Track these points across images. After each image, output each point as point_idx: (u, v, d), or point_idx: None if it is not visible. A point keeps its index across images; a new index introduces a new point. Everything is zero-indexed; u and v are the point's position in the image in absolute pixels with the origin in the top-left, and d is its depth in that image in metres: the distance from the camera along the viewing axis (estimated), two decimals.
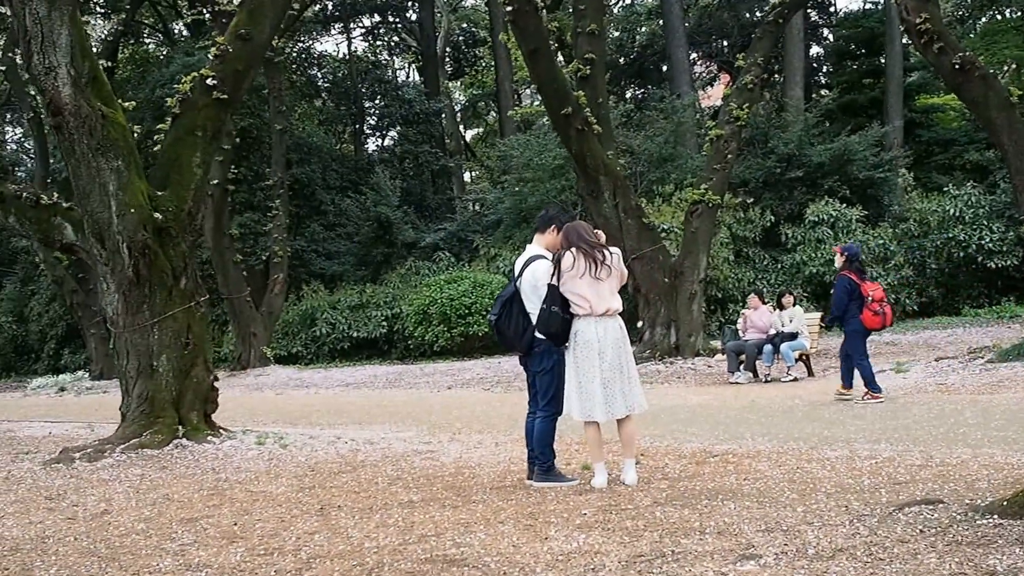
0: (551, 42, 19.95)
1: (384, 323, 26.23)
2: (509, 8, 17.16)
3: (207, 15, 26.02)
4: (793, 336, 15.02)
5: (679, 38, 31.73)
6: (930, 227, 23.72)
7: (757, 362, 15.13)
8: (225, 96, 11.74)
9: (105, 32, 30.21)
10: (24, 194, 11.57)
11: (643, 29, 40.81)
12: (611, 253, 7.40)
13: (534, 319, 7.51)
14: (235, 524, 6.83)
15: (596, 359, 7.25)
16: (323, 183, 33.47)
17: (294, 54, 37.69)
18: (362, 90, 38.81)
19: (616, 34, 42.58)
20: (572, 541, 5.52)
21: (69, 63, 10.48)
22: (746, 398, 12.88)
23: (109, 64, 34.40)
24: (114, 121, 10.88)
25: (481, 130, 53.41)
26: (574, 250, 7.33)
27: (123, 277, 11.03)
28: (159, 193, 11.34)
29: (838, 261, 12.25)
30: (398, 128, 40.04)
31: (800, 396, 12.67)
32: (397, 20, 44.23)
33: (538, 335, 7.48)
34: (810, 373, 15.45)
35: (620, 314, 7.47)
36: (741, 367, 15.17)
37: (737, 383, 14.88)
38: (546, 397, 7.57)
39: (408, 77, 48.43)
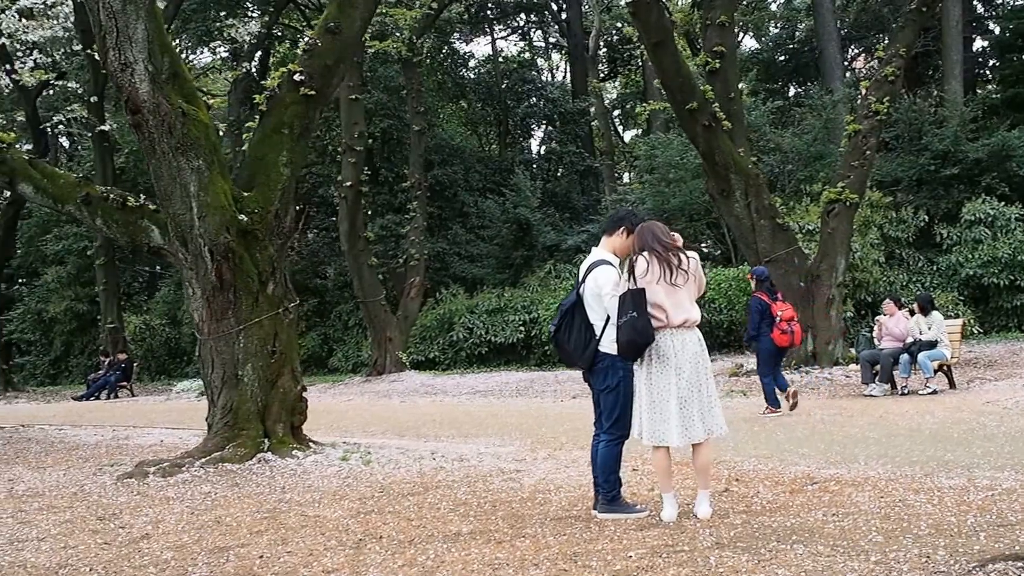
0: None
1: (521, 328, 25.47)
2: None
3: None
4: (932, 344, 13.69)
5: (830, 32, 30.29)
6: None
7: (895, 373, 13.81)
8: (313, 92, 11.14)
9: (250, 36, 30.31)
10: (111, 196, 11.19)
11: (802, 25, 39.17)
12: (688, 257, 6.51)
13: (597, 330, 6.67)
14: (261, 556, 6.27)
15: (673, 376, 6.37)
16: (466, 184, 32.99)
17: (440, 55, 37.37)
18: (507, 90, 38.24)
19: (775, 30, 41.18)
20: None
21: (146, 59, 10.02)
22: (874, 413, 11.73)
23: (259, 67, 34.84)
24: (195, 119, 10.39)
25: (640, 131, 52.34)
26: (647, 254, 6.48)
27: (206, 282, 10.55)
28: (244, 194, 10.82)
29: (752, 284, 13.21)
30: (544, 128, 39.38)
31: (933, 412, 11.45)
32: (543, 20, 43.63)
33: (603, 349, 6.59)
34: (951, 385, 14.09)
35: (699, 326, 6.56)
36: (876, 378, 13.87)
37: (871, 396, 13.64)
38: (611, 418, 6.68)
39: (564, 76, 47.71)
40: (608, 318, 6.59)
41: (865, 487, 7.13)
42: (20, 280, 41.83)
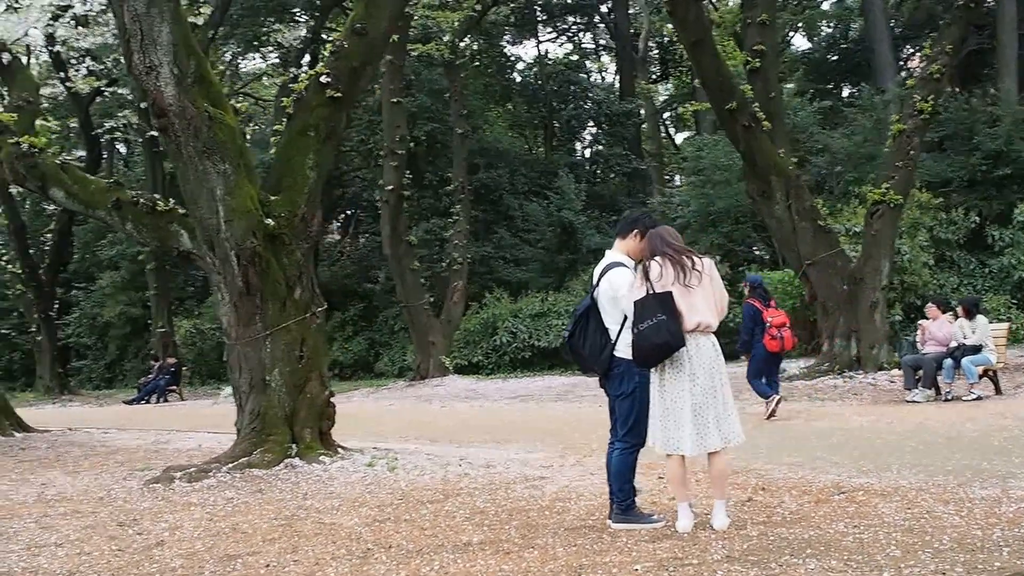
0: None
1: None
2: None
3: None
4: (977, 349, 13.30)
5: (882, 31, 29.77)
6: None
7: (939, 378, 13.47)
8: (339, 94, 11.04)
9: (297, 41, 30.46)
10: (140, 200, 11.19)
11: (855, 25, 38.58)
12: (700, 259, 6.37)
13: (612, 334, 6.51)
14: (268, 565, 6.20)
15: (687, 382, 6.21)
16: (511, 188, 32.78)
17: (487, 58, 37.23)
18: (553, 92, 37.97)
19: (828, 30, 40.63)
20: None
21: (172, 62, 9.97)
22: (914, 420, 11.42)
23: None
24: (222, 122, 10.33)
25: (692, 132, 51.79)
26: (659, 258, 6.32)
27: (233, 286, 10.49)
28: (272, 198, 10.76)
29: (746, 291, 13.37)
30: (590, 130, 39.13)
31: (976, 418, 11.14)
32: (591, 22, 43.37)
33: (618, 354, 6.43)
34: (997, 391, 13.72)
35: (715, 333, 6.42)
36: (919, 384, 13.53)
37: (914, 401, 13.32)
38: (626, 426, 6.52)
39: (614, 78, 47.39)
40: (624, 322, 6.42)
41: (893, 497, 6.91)
42: (77, 285, 42.33)
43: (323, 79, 11.03)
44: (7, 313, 40.92)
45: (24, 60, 34.87)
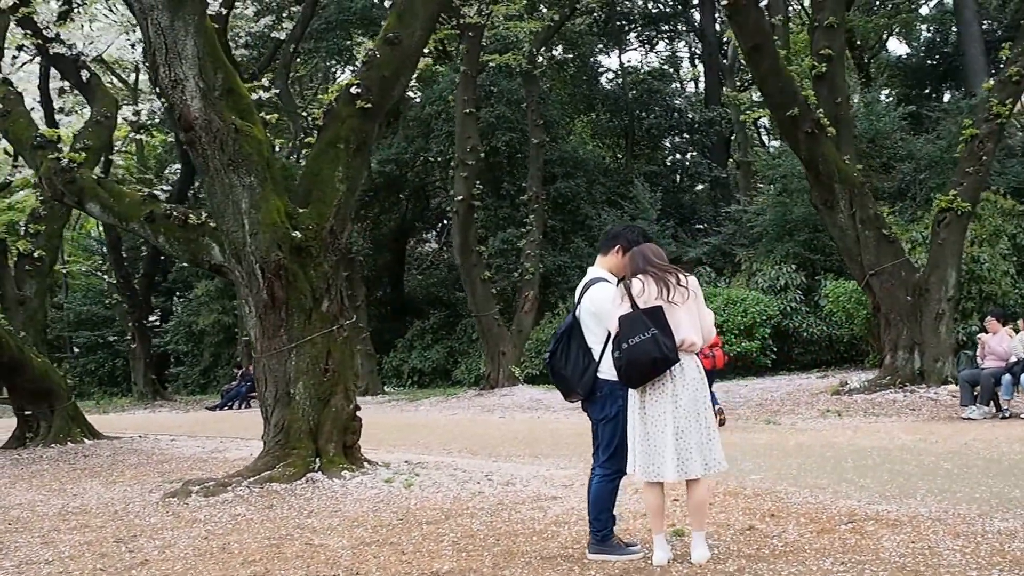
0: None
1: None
2: (725, 2, 15.54)
3: (455, 28, 25.76)
4: None
5: (973, 34, 28.72)
6: None
7: (998, 394, 12.83)
8: (370, 105, 10.93)
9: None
10: (172, 213, 11.24)
11: (954, 28, 37.38)
12: (686, 277, 6.07)
13: (596, 354, 6.19)
14: None
15: (670, 404, 5.88)
16: (588, 197, 32.39)
17: (572, 68, 36.98)
18: (635, 101, 37.42)
19: (927, 34, 39.51)
20: None
21: (197, 75, 9.99)
22: (960, 440, 10.85)
23: None
24: (248, 135, 10.30)
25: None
26: (641, 276, 6.03)
27: (259, 299, 10.46)
28: (300, 210, 10.70)
29: None
30: (672, 139, 38.54)
31: None
32: (675, 30, 42.78)
33: (602, 375, 6.14)
34: None
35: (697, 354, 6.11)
36: (977, 400, 12.89)
37: (970, 418, 12.71)
38: (607, 451, 6.21)
39: (700, 86, 46.72)
40: (607, 342, 6.13)
41: (904, 528, 6.49)
42: (180, 293, 43.32)
43: (353, 90, 10.94)
44: (110, 321, 42.12)
45: (133, 76, 35.76)
